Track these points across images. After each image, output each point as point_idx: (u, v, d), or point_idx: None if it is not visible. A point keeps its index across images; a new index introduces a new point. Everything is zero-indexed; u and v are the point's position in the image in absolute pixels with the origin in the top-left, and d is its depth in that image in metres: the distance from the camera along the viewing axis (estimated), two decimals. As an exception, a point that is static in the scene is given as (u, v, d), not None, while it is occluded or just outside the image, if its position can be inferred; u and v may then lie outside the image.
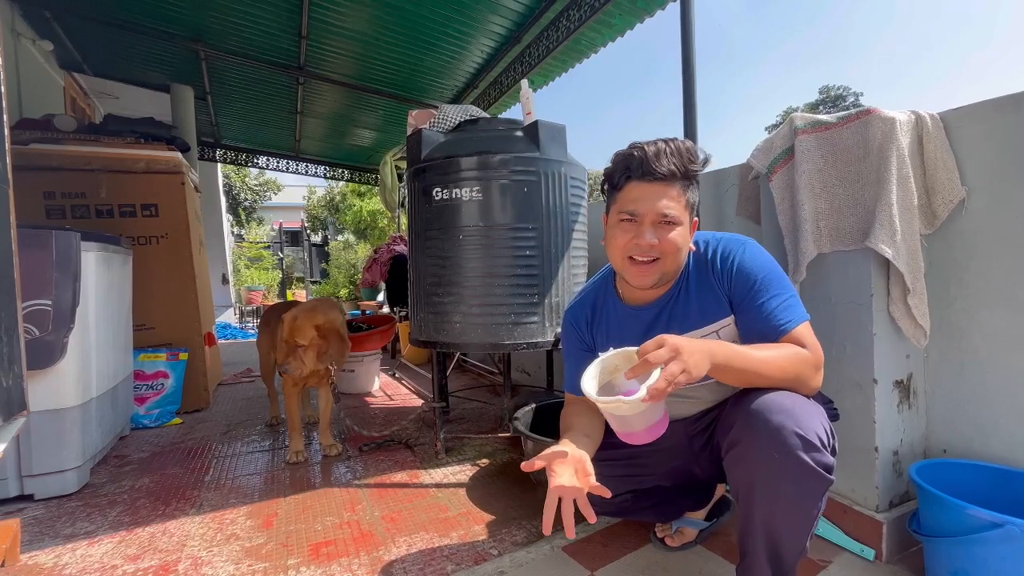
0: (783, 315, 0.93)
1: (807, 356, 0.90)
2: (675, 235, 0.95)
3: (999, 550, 0.90)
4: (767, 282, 0.95)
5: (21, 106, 3.05)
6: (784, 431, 0.82)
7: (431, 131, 2.03)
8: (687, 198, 0.97)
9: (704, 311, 1.01)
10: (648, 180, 0.94)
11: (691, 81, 2.08)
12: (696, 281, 1.02)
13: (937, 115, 1.22)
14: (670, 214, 0.94)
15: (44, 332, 1.61)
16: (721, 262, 0.99)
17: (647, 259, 0.96)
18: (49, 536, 1.44)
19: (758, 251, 1.00)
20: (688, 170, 0.95)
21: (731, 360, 0.85)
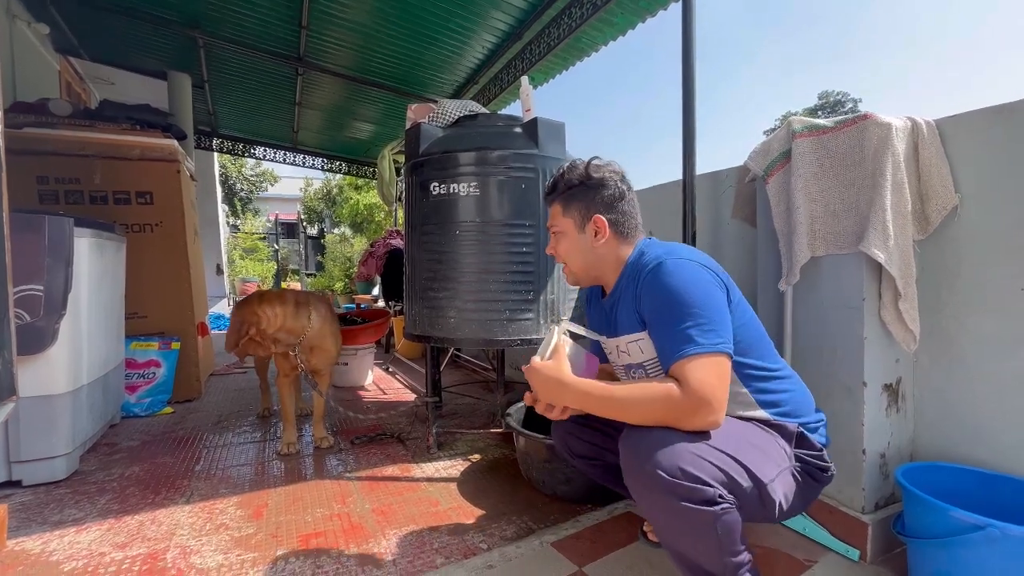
0: (674, 345, 0.90)
1: (674, 397, 0.86)
2: (562, 245, 1.12)
3: (980, 552, 0.91)
4: (669, 305, 0.93)
5: (15, 89, 3.01)
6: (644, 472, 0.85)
7: (430, 125, 2.03)
8: (561, 206, 1.10)
9: (629, 320, 1.05)
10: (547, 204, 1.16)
11: (691, 83, 2.08)
12: (628, 290, 1.06)
13: (933, 122, 1.24)
14: (553, 227, 1.13)
15: (35, 317, 1.59)
16: (636, 278, 1.02)
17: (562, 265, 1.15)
18: (37, 522, 1.44)
19: (674, 269, 0.95)
20: (554, 186, 1.11)
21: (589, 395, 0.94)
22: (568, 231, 1.10)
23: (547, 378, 0.97)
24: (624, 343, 1.08)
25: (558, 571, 1.20)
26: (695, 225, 1.73)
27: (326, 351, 2.03)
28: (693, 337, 0.88)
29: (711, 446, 0.87)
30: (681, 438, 0.86)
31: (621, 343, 1.09)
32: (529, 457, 1.65)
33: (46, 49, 3.71)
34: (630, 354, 1.08)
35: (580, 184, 1.08)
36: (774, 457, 0.94)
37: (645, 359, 1.05)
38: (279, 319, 1.87)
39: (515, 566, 1.23)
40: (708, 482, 0.83)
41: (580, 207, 1.08)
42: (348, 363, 3.17)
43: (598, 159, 1.11)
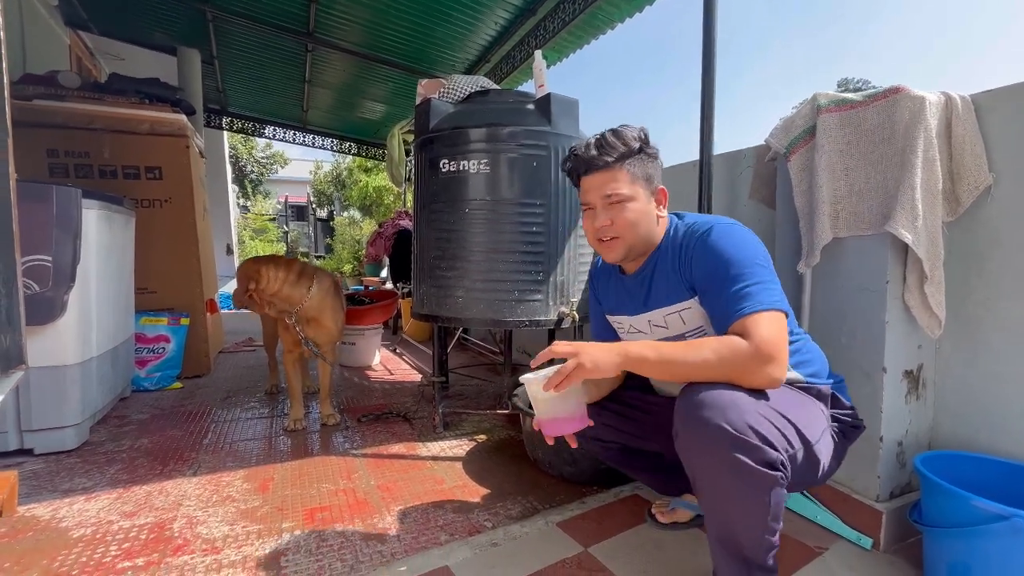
0: (734, 304, 0.89)
1: (742, 349, 0.85)
2: (626, 212, 1.02)
3: (1003, 543, 0.88)
4: (725, 267, 0.93)
5: (25, 61, 3.00)
6: (710, 426, 0.81)
7: (440, 101, 1.98)
8: (631, 174, 1.02)
9: (669, 291, 1.04)
10: (592, 172, 1.04)
11: (711, 64, 2.00)
12: (667, 260, 1.05)
13: (968, 96, 1.17)
14: (615, 194, 1.02)
15: (44, 288, 1.59)
16: (683, 246, 1.01)
17: (608, 237, 1.04)
18: (47, 490, 1.45)
19: (725, 233, 0.96)
20: (622, 151, 1.01)
21: (645, 356, 0.87)
22: (638, 198, 1.02)
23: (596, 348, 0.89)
24: (661, 316, 1.05)
25: (563, 551, 1.19)
26: (711, 206, 1.68)
27: (324, 326, 2.02)
28: (753, 294, 0.89)
29: (772, 408, 0.86)
30: (748, 395, 0.84)
31: (656, 316, 1.06)
32: (535, 438, 1.63)
33: (56, 22, 3.69)
34: (669, 327, 1.06)
35: (642, 151, 1.03)
36: (817, 418, 0.95)
37: (688, 329, 1.04)
38: (278, 283, 1.88)
39: (520, 545, 1.22)
40: (774, 444, 0.81)
41: (647, 174, 1.03)
42: (356, 343, 3.18)
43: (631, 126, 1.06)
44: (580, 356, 0.87)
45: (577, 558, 1.17)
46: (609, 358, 0.87)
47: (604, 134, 1.04)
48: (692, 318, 1.02)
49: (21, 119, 2.35)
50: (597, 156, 1.02)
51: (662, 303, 1.05)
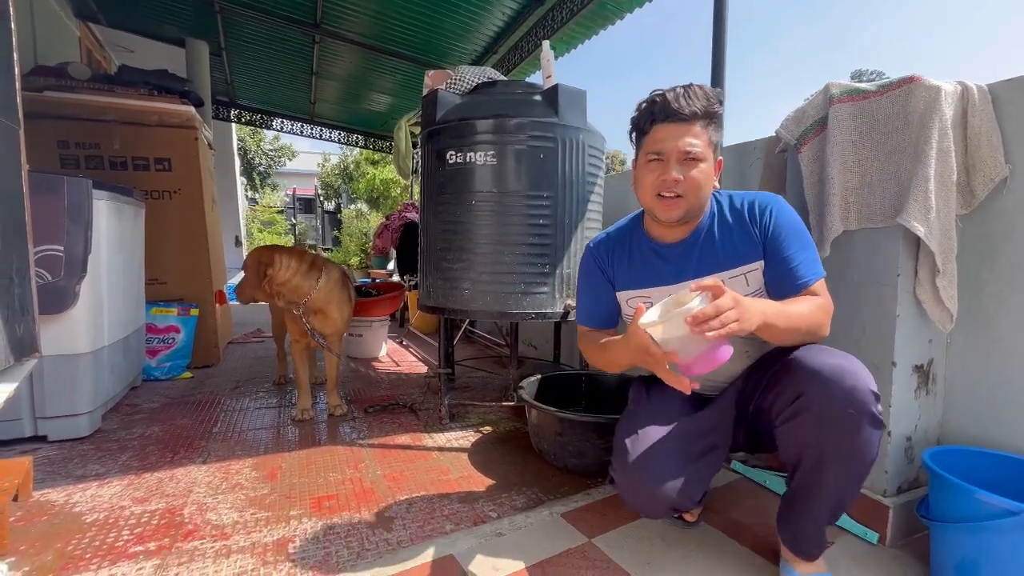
0: (806, 270, 0.99)
1: (828, 307, 0.99)
2: (697, 172, 1.00)
3: (1012, 539, 0.88)
4: (797, 236, 1.02)
5: (36, 53, 3.02)
6: (858, 392, 0.88)
7: (447, 92, 1.97)
8: (709, 136, 1.00)
9: (736, 253, 1.05)
10: (671, 121, 0.99)
11: (721, 54, 1.98)
12: (728, 224, 1.06)
13: (985, 86, 1.15)
14: (693, 151, 0.98)
15: (56, 277, 1.62)
16: (760, 211, 1.04)
17: (672, 195, 1.01)
18: (61, 476, 1.48)
19: (789, 208, 1.06)
20: (708, 109, 0.99)
21: (777, 319, 0.91)
22: (709, 159, 1.01)
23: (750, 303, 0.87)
24: (721, 279, 1.03)
25: (568, 541, 1.20)
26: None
27: (331, 318, 2.03)
28: (818, 262, 1.02)
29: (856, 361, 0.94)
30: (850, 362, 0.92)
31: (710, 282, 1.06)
32: (541, 430, 1.64)
33: (66, 14, 3.71)
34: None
35: (719, 111, 1.02)
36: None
37: (750, 291, 1.06)
38: (290, 271, 1.90)
39: (524, 535, 1.23)
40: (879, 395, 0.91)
41: (718, 140, 1.04)
42: (363, 335, 3.20)
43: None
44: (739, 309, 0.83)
45: (581, 548, 1.17)
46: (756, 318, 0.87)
47: (691, 85, 1.01)
48: (756, 280, 1.05)
49: (32, 111, 2.37)
50: (686, 104, 0.98)
51: (723, 266, 1.06)
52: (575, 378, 1.94)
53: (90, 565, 1.07)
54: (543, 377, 1.87)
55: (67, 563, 1.08)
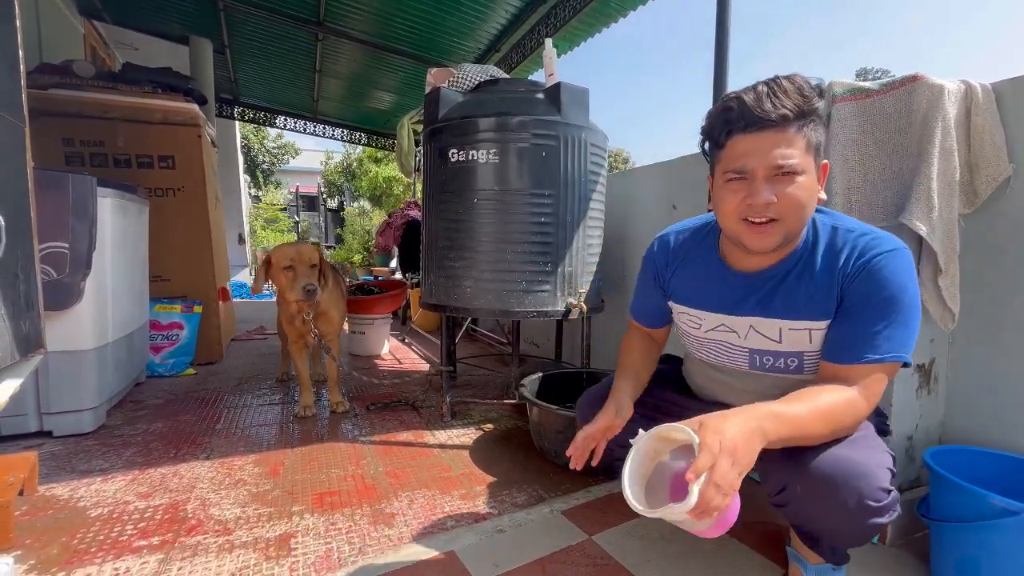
0: (871, 344, 0.81)
1: (860, 409, 0.80)
2: (796, 188, 0.79)
3: (1012, 538, 0.88)
4: (885, 303, 0.81)
5: (41, 51, 3.03)
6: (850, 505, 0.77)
7: (450, 90, 1.98)
8: (807, 139, 0.79)
9: (810, 306, 0.87)
10: (755, 130, 0.79)
11: (723, 56, 1.97)
12: (817, 266, 0.86)
13: (989, 85, 1.14)
14: (788, 164, 0.78)
15: (61, 274, 1.63)
16: (856, 258, 0.83)
17: (763, 219, 0.82)
18: (66, 471, 1.49)
19: (902, 265, 0.82)
20: (803, 108, 0.78)
21: (782, 438, 0.75)
22: (810, 172, 0.80)
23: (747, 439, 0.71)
24: (779, 327, 0.90)
25: (568, 539, 1.20)
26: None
27: (332, 319, 2.08)
28: (895, 340, 0.80)
29: (872, 447, 0.83)
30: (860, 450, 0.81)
31: (770, 326, 0.92)
32: (542, 428, 1.64)
33: (70, 12, 3.72)
34: (782, 341, 0.91)
35: (818, 106, 0.79)
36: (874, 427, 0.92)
37: (810, 349, 0.90)
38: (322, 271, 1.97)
39: (525, 532, 1.23)
40: (892, 488, 0.80)
41: (819, 142, 0.82)
42: (365, 332, 3.21)
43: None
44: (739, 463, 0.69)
45: (581, 546, 1.18)
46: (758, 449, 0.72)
47: (777, 79, 0.80)
48: (820, 339, 0.88)
49: (37, 108, 2.38)
50: (772, 108, 0.77)
51: (790, 315, 0.89)
52: (576, 376, 1.94)
53: (94, 559, 1.08)
54: (544, 375, 1.88)
55: (72, 557, 1.09)
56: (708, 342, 1.04)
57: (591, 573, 1.08)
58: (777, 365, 0.96)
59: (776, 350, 0.94)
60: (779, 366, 0.96)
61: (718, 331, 1.00)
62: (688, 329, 1.08)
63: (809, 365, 0.93)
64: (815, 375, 0.92)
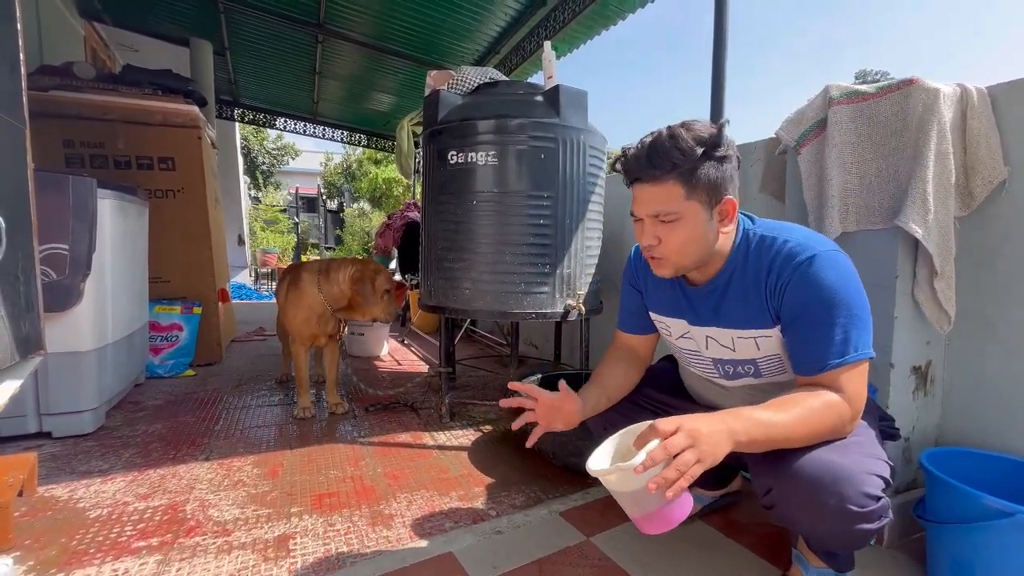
0: (826, 350, 0.83)
1: (842, 410, 0.81)
2: (673, 233, 0.89)
3: (1007, 539, 0.88)
4: (824, 307, 0.83)
5: (42, 52, 3.04)
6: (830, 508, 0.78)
7: (449, 92, 1.98)
8: (691, 185, 0.86)
9: (746, 316, 0.93)
10: (641, 183, 0.91)
11: (721, 56, 1.98)
12: (749, 276, 0.92)
13: (985, 89, 1.15)
14: (663, 211, 0.88)
15: (61, 275, 1.63)
16: (778, 270, 0.87)
17: (654, 256, 0.94)
18: (65, 472, 1.49)
19: (828, 265, 0.84)
20: (676, 160, 0.85)
21: (754, 439, 0.77)
22: (691, 216, 0.87)
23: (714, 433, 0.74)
24: (730, 337, 0.96)
25: (566, 540, 1.21)
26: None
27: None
28: (852, 341, 0.82)
29: (863, 453, 0.84)
30: (846, 454, 0.82)
31: (722, 335, 0.98)
32: (540, 429, 1.64)
33: (71, 14, 3.73)
34: (736, 350, 0.97)
35: (706, 157, 0.85)
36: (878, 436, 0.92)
37: (761, 356, 0.96)
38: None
39: (523, 533, 1.23)
40: (880, 495, 0.81)
41: (711, 184, 0.86)
42: (364, 334, 3.21)
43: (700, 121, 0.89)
44: (699, 447, 0.72)
45: (579, 547, 1.18)
46: (724, 446, 0.74)
47: (661, 136, 0.87)
48: (770, 346, 0.93)
49: (38, 110, 2.38)
50: (648, 166, 0.87)
51: (735, 325, 0.95)
52: (575, 377, 1.94)
53: (93, 560, 1.09)
54: (543, 376, 1.88)
55: (71, 558, 1.09)
56: (681, 350, 1.11)
57: (589, 574, 1.09)
58: (738, 371, 1.01)
59: (733, 358, 0.99)
60: (740, 371, 1.01)
61: (685, 339, 1.06)
62: (664, 336, 1.13)
63: (765, 370, 0.97)
64: (778, 378, 0.97)
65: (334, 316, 2.02)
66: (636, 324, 1.18)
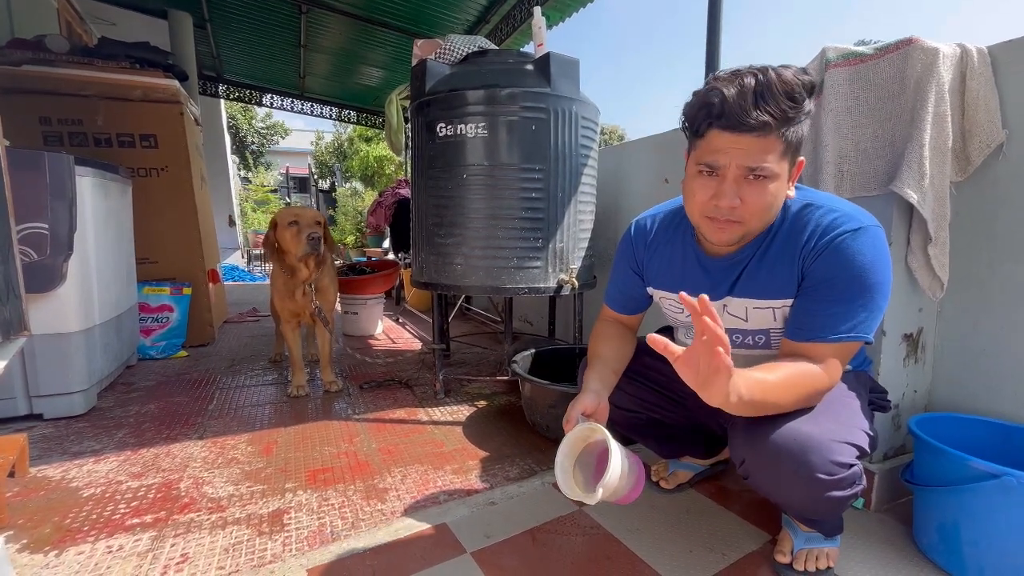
0: (831, 323, 0.81)
1: (821, 383, 0.82)
2: (763, 194, 0.79)
3: (992, 500, 0.89)
4: (849, 285, 0.80)
5: (12, 26, 2.92)
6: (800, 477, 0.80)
7: (436, 63, 1.92)
8: (786, 143, 0.77)
9: (773, 284, 0.88)
10: (735, 131, 0.76)
11: (716, 26, 1.93)
12: (781, 245, 0.87)
13: (985, 49, 1.12)
14: (760, 169, 0.77)
15: (42, 256, 1.59)
16: (819, 237, 0.82)
17: (726, 219, 0.82)
18: (57, 453, 1.49)
19: (870, 241, 0.80)
20: (788, 114, 0.75)
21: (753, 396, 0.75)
22: (781, 174, 0.79)
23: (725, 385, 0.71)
24: (746, 306, 0.93)
25: (559, 509, 1.22)
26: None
27: (328, 293, 2.10)
28: (862, 323, 0.81)
29: (837, 421, 0.84)
30: (817, 422, 0.82)
31: (738, 306, 0.94)
32: (534, 403, 1.65)
33: (42, -16, 3.57)
34: (748, 320, 0.95)
35: (805, 110, 0.76)
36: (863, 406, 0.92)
37: (776, 326, 0.93)
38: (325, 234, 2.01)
39: (516, 504, 1.25)
40: (853, 463, 0.82)
41: (798, 142, 0.79)
42: (358, 313, 3.20)
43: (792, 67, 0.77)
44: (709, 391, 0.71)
45: (572, 516, 1.19)
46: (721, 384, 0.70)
47: (769, 79, 0.74)
48: (784, 316, 0.91)
49: (11, 86, 2.31)
50: (757, 112, 0.74)
51: (757, 293, 0.90)
52: (568, 352, 1.94)
53: (87, 537, 1.09)
54: (537, 352, 1.88)
55: (65, 535, 1.09)
56: (685, 324, 1.10)
57: (581, 542, 1.10)
58: (746, 342, 0.99)
59: (743, 328, 0.97)
60: (748, 342, 0.99)
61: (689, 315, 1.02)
62: (672, 313, 1.10)
63: (775, 341, 0.96)
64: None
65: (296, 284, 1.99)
66: (628, 306, 1.16)
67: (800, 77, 0.75)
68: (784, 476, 0.82)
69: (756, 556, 1.05)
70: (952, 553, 0.97)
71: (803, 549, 0.99)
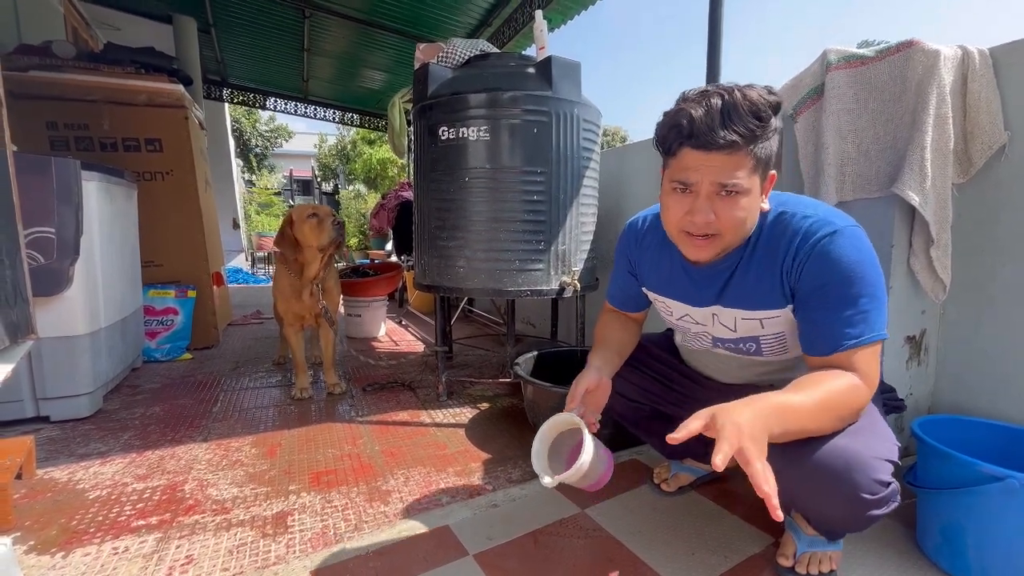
0: (842, 330, 0.79)
1: (862, 392, 0.79)
2: (737, 208, 0.80)
3: (996, 503, 0.89)
4: (843, 286, 0.79)
5: (20, 31, 2.95)
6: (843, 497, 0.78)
7: (438, 66, 1.93)
8: (756, 159, 0.78)
9: (758, 295, 0.88)
10: (705, 149, 0.78)
11: (717, 26, 1.93)
12: (762, 255, 0.87)
13: (987, 50, 1.12)
14: (731, 184, 0.78)
15: (49, 259, 1.61)
16: (798, 245, 0.82)
17: (702, 234, 0.83)
18: (64, 455, 1.50)
19: (849, 241, 0.80)
20: (755, 132, 0.76)
21: (788, 431, 0.74)
22: (753, 189, 0.80)
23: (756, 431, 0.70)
24: (734, 317, 0.94)
25: (561, 512, 1.22)
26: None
27: (333, 294, 2.11)
28: (870, 322, 0.79)
29: (873, 435, 0.82)
30: (857, 440, 0.80)
31: (727, 315, 0.95)
32: (536, 405, 1.65)
33: (48, -10, 3.61)
34: (737, 330, 0.95)
35: (772, 128, 0.78)
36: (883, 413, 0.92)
37: (764, 334, 0.93)
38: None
39: (519, 506, 1.25)
40: (891, 480, 0.80)
41: (768, 157, 0.80)
42: (361, 315, 3.21)
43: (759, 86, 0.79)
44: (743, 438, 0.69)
45: (574, 518, 1.20)
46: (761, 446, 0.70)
47: (735, 99, 0.76)
48: (775, 325, 0.90)
49: (19, 91, 2.33)
50: (724, 132, 0.75)
51: (744, 304, 0.91)
52: (570, 354, 1.94)
53: (94, 539, 1.10)
54: (539, 354, 1.88)
55: (71, 537, 1.10)
56: (681, 327, 1.10)
57: (583, 544, 1.10)
58: (739, 348, 1.00)
59: (732, 337, 0.99)
60: (741, 348, 1.00)
61: (685, 320, 1.05)
62: (663, 315, 1.12)
63: (767, 348, 0.97)
64: (780, 356, 0.97)
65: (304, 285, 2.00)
66: (629, 304, 1.17)
67: (765, 97, 0.77)
68: (826, 495, 0.80)
69: (758, 559, 1.05)
70: (956, 556, 0.97)
71: (806, 552, 0.98)
